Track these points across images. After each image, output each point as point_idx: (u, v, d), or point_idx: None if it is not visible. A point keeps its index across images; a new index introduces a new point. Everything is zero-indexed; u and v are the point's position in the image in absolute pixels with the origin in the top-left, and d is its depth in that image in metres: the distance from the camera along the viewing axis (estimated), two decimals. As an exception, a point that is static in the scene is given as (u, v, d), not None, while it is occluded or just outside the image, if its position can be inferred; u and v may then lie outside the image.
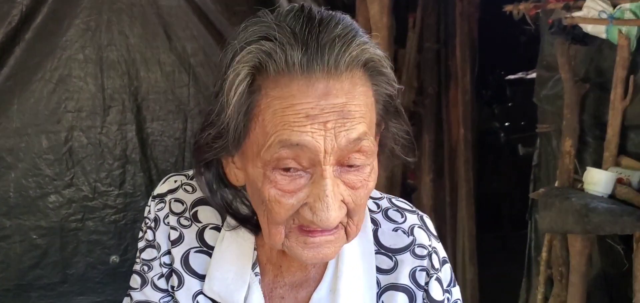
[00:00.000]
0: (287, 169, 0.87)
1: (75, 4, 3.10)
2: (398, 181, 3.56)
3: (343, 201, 0.89)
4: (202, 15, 3.24)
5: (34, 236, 3.17)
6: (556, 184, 2.77)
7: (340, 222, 0.91)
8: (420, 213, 1.11)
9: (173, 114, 3.30)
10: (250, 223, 1.02)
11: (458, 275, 3.66)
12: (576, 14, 2.65)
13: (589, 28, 2.60)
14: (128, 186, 3.29)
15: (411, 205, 1.12)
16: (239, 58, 0.87)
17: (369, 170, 0.90)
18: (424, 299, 1.04)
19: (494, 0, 3.50)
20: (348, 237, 0.94)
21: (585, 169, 2.57)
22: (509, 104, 5.23)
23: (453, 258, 3.67)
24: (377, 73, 0.90)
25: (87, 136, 3.20)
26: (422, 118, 3.59)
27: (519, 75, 5.19)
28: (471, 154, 3.63)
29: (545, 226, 2.55)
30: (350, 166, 0.88)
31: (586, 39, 2.66)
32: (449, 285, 1.08)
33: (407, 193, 3.66)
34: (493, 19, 3.90)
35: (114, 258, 3.32)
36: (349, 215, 0.92)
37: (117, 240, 3.31)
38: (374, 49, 0.89)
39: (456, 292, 1.10)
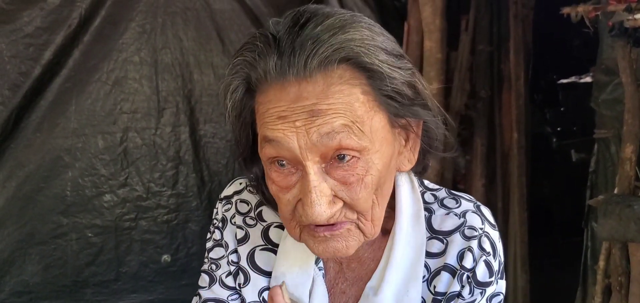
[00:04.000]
0: (281, 166, 0.92)
1: (131, 7, 3.17)
2: (448, 187, 3.52)
3: (336, 196, 0.91)
4: (254, 19, 3.27)
5: (90, 235, 3.25)
6: (615, 192, 2.69)
7: (348, 219, 0.93)
8: (478, 203, 1.11)
9: (225, 117, 3.33)
10: None
11: (509, 282, 3.60)
12: (639, 16, 2.57)
13: (652, 31, 2.53)
14: (180, 186, 3.35)
15: (471, 197, 1.12)
16: (229, 70, 0.95)
17: (362, 165, 0.91)
18: (469, 278, 1.04)
19: (547, 2, 3.44)
20: (364, 234, 0.96)
21: (647, 177, 2.49)
22: (561, 109, 5.12)
23: (504, 265, 3.60)
24: (363, 69, 0.89)
25: (142, 137, 3.26)
26: (474, 121, 3.53)
27: (572, 79, 5.08)
28: (524, 159, 3.55)
29: (605, 235, 2.48)
30: (340, 162, 0.91)
31: (649, 42, 2.58)
32: (497, 276, 1.07)
33: (458, 198, 3.60)
34: (545, 22, 3.83)
35: (166, 257, 3.37)
36: (356, 212, 0.93)
37: (169, 239, 3.37)
38: (353, 41, 0.88)
39: (502, 285, 1.09)
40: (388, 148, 0.95)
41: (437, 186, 1.13)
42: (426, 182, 1.13)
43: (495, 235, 1.07)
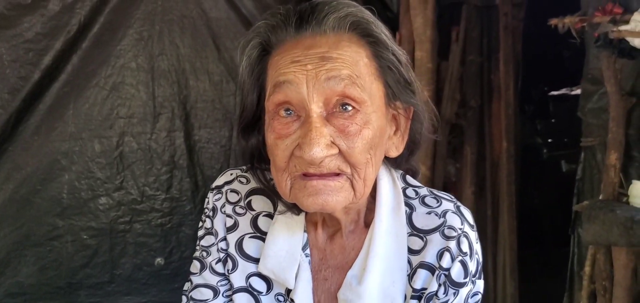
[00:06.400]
0: (285, 114, 1.00)
1: (129, 14, 3.22)
2: (439, 193, 3.56)
3: (334, 143, 0.98)
4: (250, 27, 3.30)
5: (85, 237, 3.28)
6: (600, 198, 2.75)
7: (342, 171, 0.99)
8: (458, 203, 1.14)
9: (220, 122, 3.39)
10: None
11: (498, 290, 3.64)
12: (623, 27, 2.64)
13: (636, 42, 2.58)
14: (174, 190, 3.38)
15: (451, 196, 1.16)
16: (250, 31, 1.07)
17: (361, 118, 0.99)
18: (445, 279, 1.07)
19: (538, 14, 3.50)
20: (355, 192, 1.01)
21: (630, 183, 2.55)
22: (552, 120, 5.18)
23: (493, 272, 3.65)
24: (367, 34, 1.02)
25: (138, 141, 3.30)
26: (464, 130, 3.60)
27: (563, 91, 5.14)
28: (513, 167, 3.61)
29: (589, 239, 2.54)
30: (341, 112, 0.99)
31: (633, 52, 2.64)
32: (474, 276, 1.09)
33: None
34: (536, 34, 3.89)
35: (159, 260, 3.40)
36: (351, 165, 0.99)
37: (162, 242, 3.40)
38: (363, 14, 1.04)
39: (480, 285, 1.12)
40: (382, 119, 1.03)
41: (419, 184, 1.17)
42: (409, 178, 1.17)
43: (473, 235, 1.10)
